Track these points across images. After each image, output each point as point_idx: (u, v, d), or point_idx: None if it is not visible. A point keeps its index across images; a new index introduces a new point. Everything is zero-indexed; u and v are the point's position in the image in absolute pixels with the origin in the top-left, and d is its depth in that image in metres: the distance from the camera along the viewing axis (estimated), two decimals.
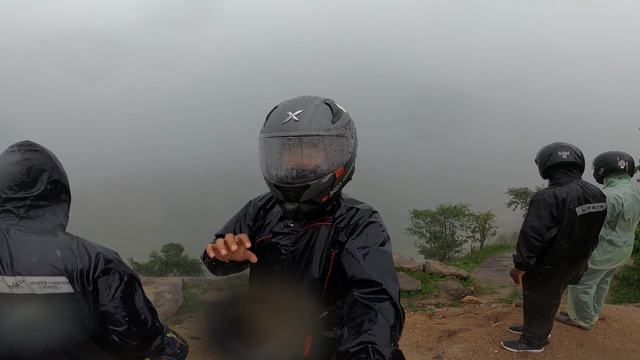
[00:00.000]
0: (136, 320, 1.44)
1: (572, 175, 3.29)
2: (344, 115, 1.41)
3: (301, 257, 1.45)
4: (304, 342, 1.43)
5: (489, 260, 12.94)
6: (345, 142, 1.39)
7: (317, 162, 1.34)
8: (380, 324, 1.07)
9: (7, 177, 1.40)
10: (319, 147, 1.33)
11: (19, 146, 1.46)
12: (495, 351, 3.60)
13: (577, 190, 3.21)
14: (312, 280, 1.43)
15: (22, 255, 1.35)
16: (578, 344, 3.68)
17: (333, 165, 1.36)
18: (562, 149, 3.29)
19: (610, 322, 4.12)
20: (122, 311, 1.41)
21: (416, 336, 4.22)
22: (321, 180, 1.34)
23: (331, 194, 1.41)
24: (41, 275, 1.34)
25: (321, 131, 1.32)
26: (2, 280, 1.32)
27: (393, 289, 1.19)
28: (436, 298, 7.46)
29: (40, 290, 1.33)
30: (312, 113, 1.34)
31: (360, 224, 1.39)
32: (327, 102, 1.41)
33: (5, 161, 1.42)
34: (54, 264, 1.36)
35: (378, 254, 1.30)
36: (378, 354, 0.99)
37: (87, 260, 1.39)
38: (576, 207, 3.18)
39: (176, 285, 7.08)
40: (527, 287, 3.47)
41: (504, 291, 8.46)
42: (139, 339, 1.46)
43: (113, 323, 1.40)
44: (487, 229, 17.83)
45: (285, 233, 1.50)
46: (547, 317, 3.49)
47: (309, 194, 1.36)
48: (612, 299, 7.81)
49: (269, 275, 1.50)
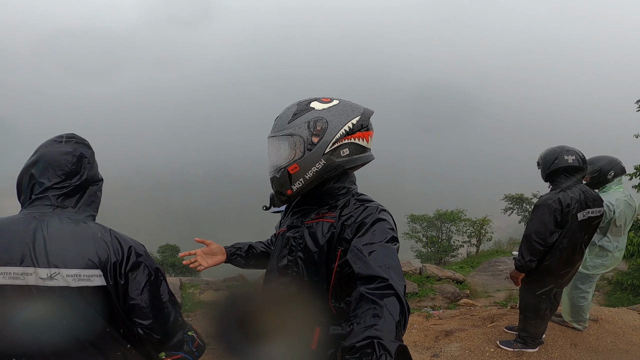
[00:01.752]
0: (162, 314, 1.46)
1: (574, 180, 3.30)
2: (307, 114, 1.47)
3: (306, 250, 1.51)
4: (312, 335, 1.45)
5: (485, 264, 13.04)
6: (298, 140, 1.45)
7: (273, 159, 1.52)
8: (385, 319, 1.08)
9: (55, 165, 1.43)
10: (274, 146, 1.51)
11: (68, 137, 1.51)
12: (491, 350, 3.67)
13: (580, 196, 3.23)
14: (318, 274, 1.48)
15: (57, 246, 1.34)
16: (572, 344, 3.76)
17: (284, 161, 1.48)
18: (568, 152, 3.28)
19: (603, 324, 4.20)
20: (149, 305, 1.41)
21: (413, 336, 4.29)
22: (277, 174, 1.50)
23: (294, 189, 1.49)
24: (76, 268, 1.33)
25: (275, 132, 1.51)
26: (35, 273, 1.31)
27: (399, 285, 1.19)
28: (432, 301, 7.53)
29: (75, 283, 1.33)
30: (281, 116, 1.53)
31: (368, 222, 1.41)
32: (300, 102, 1.53)
33: (56, 150, 1.45)
34: (89, 256, 1.35)
35: (384, 251, 1.32)
36: (384, 349, 0.99)
37: (120, 253, 1.40)
38: (578, 212, 3.21)
39: (174, 285, 7.11)
40: (523, 288, 3.53)
41: (499, 295, 8.55)
42: (163, 333, 1.47)
43: (140, 316, 1.41)
44: (483, 234, 17.93)
45: (295, 226, 1.57)
46: (542, 317, 3.54)
47: (275, 185, 1.54)
48: (606, 302, 7.91)
49: (284, 267, 1.56)
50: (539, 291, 3.42)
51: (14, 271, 1.30)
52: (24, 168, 1.45)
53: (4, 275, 1.30)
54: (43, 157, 1.44)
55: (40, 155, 1.44)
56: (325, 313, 1.48)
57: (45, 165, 1.42)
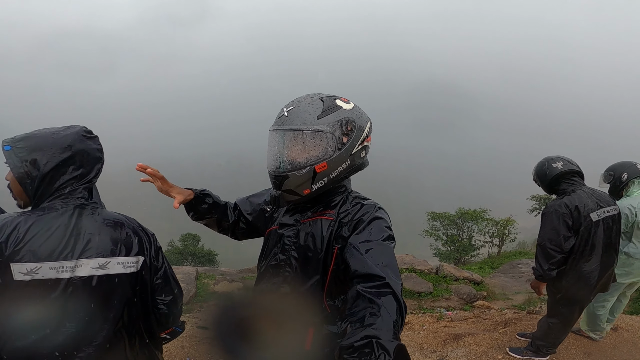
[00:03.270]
0: (178, 290, 1.62)
1: (576, 184, 3.27)
2: (338, 112, 1.43)
3: (302, 249, 1.48)
4: (306, 336, 1.44)
5: (506, 266, 12.70)
6: (330, 137, 1.40)
7: (294, 154, 1.41)
8: (383, 318, 1.08)
9: (91, 161, 1.49)
10: (297, 141, 1.40)
11: (91, 133, 1.54)
12: (499, 357, 3.57)
13: (588, 196, 3.17)
14: (315, 273, 1.45)
15: (102, 237, 1.41)
16: (585, 353, 3.62)
17: (311, 159, 1.40)
18: (554, 160, 3.31)
19: (622, 333, 4.03)
20: (168, 283, 1.58)
21: (421, 338, 4.22)
22: (298, 172, 1.41)
23: (314, 188, 1.44)
24: (124, 256, 1.44)
25: (303, 126, 1.39)
26: (86, 264, 1.37)
27: (395, 284, 1.20)
28: (447, 301, 7.39)
29: (124, 269, 1.43)
30: (301, 108, 1.42)
31: (365, 220, 1.41)
32: (324, 98, 1.45)
33: (90, 147, 1.50)
34: (131, 243, 1.47)
35: (381, 249, 1.32)
36: (382, 349, 0.99)
37: (148, 239, 1.54)
38: (590, 213, 3.13)
39: (190, 274, 7.23)
40: (553, 298, 3.41)
41: (518, 298, 8.31)
42: (178, 308, 1.63)
43: (163, 293, 1.56)
44: (506, 235, 17.50)
45: (290, 224, 1.54)
46: (569, 327, 3.44)
47: (288, 184, 1.43)
48: (630, 309, 7.58)
49: (276, 266, 1.54)
50: (572, 303, 3.31)
51: (66, 265, 1.34)
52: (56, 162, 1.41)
53: (57, 269, 1.33)
54: (81, 153, 1.46)
55: (78, 152, 1.45)
56: (319, 312, 1.46)
57: (86, 162, 1.47)
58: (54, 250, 1.33)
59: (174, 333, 1.80)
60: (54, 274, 1.33)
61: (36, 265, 1.31)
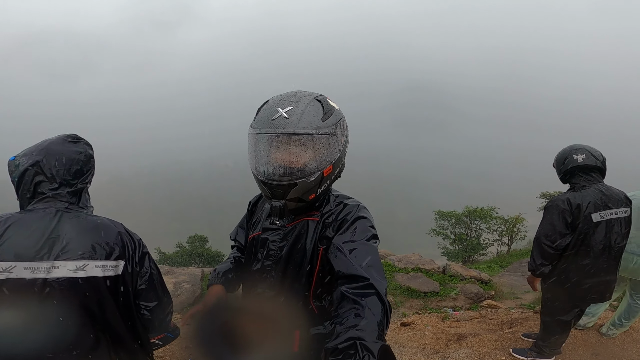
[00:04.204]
0: (163, 297, 1.60)
1: (592, 180, 3.10)
2: (335, 113, 1.40)
3: (289, 252, 1.46)
4: (293, 338, 1.43)
5: (515, 264, 12.52)
6: (335, 140, 1.38)
7: (305, 160, 1.34)
8: (367, 319, 1.08)
9: (69, 164, 1.50)
10: (308, 146, 1.33)
11: (77, 138, 1.57)
12: (502, 358, 3.50)
13: (595, 195, 3.03)
14: (301, 276, 1.44)
15: (82, 239, 1.41)
16: (593, 353, 3.53)
17: (322, 164, 1.36)
18: (577, 151, 3.11)
19: (632, 332, 3.93)
20: (153, 289, 1.56)
21: (425, 338, 4.16)
22: (309, 178, 1.35)
23: (319, 192, 1.41)
24: (103, 259, 1.42)
25: (310, 129, 1.32)
26: (63, 266, 1.36)
27: (380, 284, 1.19)
28: (454, 301, 7.30)
29: (102, 273, 1.41)
30: (302, 110, 1.33)
31: (349, 219, 1.39)
32: (319, 98, 1.40)
33: (69, 149, 1.52)
34: (113, 247, 1.45)
35: (365, 249, 1.30)
36: (366, 350, 0.98)
37: (133, 244, 1.53)
38: (592, 213, 3.01)
39: (195, 276, 7.23)
40: (545, 295, 3.34)
41: (527, 296, 8.18)
42: (165, 314, 1.61)
43: (146, 299, 1.54)
44: (515, 233, 17.29)
45: (274, 229, 1.51)
46: (564, 327, 3.34)
47: (296, 192, 1.36)
48: None
49: (260, 271, 1.52)
50: (562, 301, 3.21)
51: (42, 265, 1.35)
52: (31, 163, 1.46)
53: (32, 269, 1.34)
54: (55, 155, 1.47)
55: (51, 153, 1.47)
56: (306, 314, 1.45)
57: (60, 163, 1.47)
58: (30, 250, 1.34)
59: (166, 339, 1.79)
60: (29, 274, 1.33)
61: (10, 265, 1.31)
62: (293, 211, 1.45)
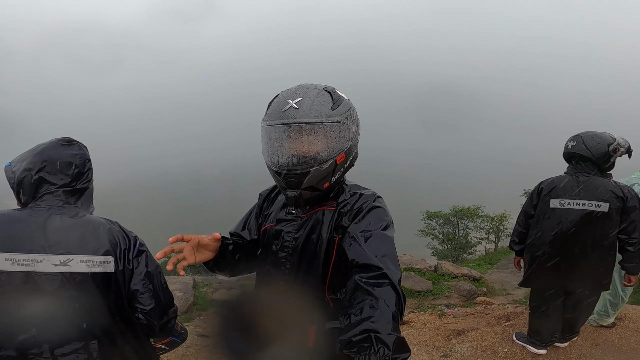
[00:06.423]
0: (160, 300, 1.54)
1: (579, 168, 3.00)
2: (344, 102, 1.42)
3: (305, 243, 1.44)
4: (308, 333, 1.41)
5: (504, 261, 12.70)
6: (346, 128, 1.39)
7: (317, 148, 1.35)
8: (382, 311, 1.06)
9: (65, 167, 1.50)
10: (319, 134, 1.34)
11: (71, 141, 1.58)
12: (504, 350, 3.51)
13: (567, 183, 2.98)
14: (316, 267, 1.42)
15: (70, 234, 1.41)
16: (593, 343, 3.57)
17: (334, 151, 1.36)
18: (573, 138, 3.07)
19: (627, 322, 3.99)
20: (149, 291, 1.50)
21: (424, 335, 4.15)
22: (322, 166, 1.35)
23: (333, 180, 1.41)
24: (90, 254, 1.40)
25: (321, 118, 1.33)
26: (46, 259, 1.34)
27: (394, 274, 1.18)
28: (447, 299, 7.34)
29: (88, 269, 1.39)
30: (312, 100, 1.35)
31: (364, 209, 1.39)
32: (328, 89, 1.42)
33: (64, 152, 1.53)
34: (102, 243, 1.43)
35: (380, 238, 1.30)
36: (381, 343, 0.97)
37: (127, 241, 1.50)
38: (553, 199, 3.01)
39: (187, 284, 7.12)
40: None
41: (519, 292, 8.27)
42: (162, 317, 1.55)
43: (141, 302, 1.49)
44: (501, 230, 17.54)
45: (289, 220, 1.49)
46: (540, 313, 3.29)
47: (310, 180, 1.36)
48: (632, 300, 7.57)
49: (274, 263, 1.49)
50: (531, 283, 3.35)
51: (23, 257, 1.33)
52: (26, 167, 1.49)
53: (12, 261, 1.31)
54: (52, 159, 1.49)
55: (49, 157, 1.49)
56: (321, 308, 1.42)
57: (55, 166, 1.49)
58: (13, 242, 1.33)
59: (172, 344, 1.75)
60: (9, 266, 1.31)
61: None
62: (308, 201, 1.43)
